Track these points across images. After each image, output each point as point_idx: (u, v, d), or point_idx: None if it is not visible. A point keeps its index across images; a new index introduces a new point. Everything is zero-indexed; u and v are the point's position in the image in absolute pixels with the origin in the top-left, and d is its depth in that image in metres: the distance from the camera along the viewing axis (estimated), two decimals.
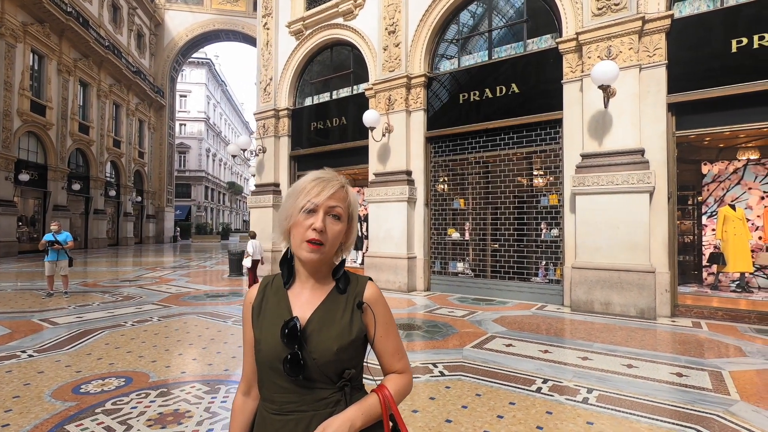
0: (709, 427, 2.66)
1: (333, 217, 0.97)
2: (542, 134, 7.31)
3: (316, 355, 0.94)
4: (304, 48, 10.67)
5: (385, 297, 4.19)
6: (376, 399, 0.97)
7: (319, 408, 0.95)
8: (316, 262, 0.99)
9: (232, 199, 56.31)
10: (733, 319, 5.78)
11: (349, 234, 1.03)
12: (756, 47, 5.70)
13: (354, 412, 0.93)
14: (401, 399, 1.02)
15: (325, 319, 0.98)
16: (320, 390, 0.96)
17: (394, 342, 1.04)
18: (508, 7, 8.06)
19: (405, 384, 1.04)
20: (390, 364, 1.04)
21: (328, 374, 0.95)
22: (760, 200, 7.76)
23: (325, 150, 10.38)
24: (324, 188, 0.97)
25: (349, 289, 1.03)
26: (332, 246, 0.99)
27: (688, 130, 6.23)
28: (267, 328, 0.99)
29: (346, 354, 0.96)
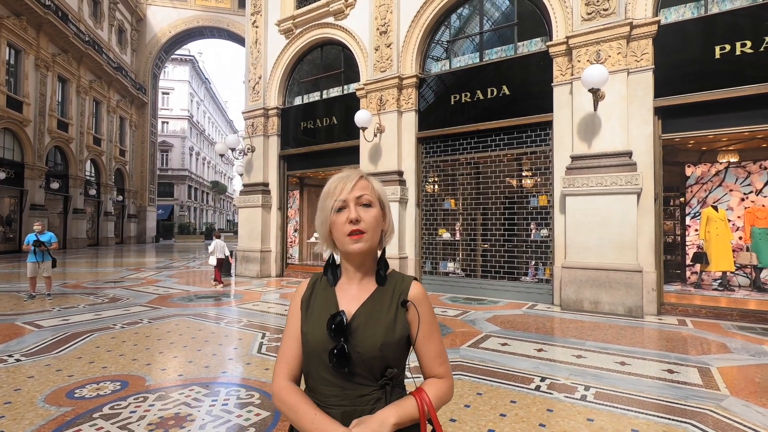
0: (704, 422, 2.75)
1: (363, 205, 1.00)
2: (532, 136, 7.42)
3: (361, 350, 0.95)
4: (294, 47, 10.60)
5: None
6: (413, 402, 0.96)
7: (359, 404, 0.96)
8: (363, 253, 1.00)
9: (216, 199, 55.49)
10: (716, 316, 5.97)
11: (386, 219, 1.05)
12: (738, 54, 5.90)
13: (389, 411, 0.93)
14: (441, 405, 1.01)
15: (371, 314, 1.00)
16: (362, 386, 0.97)
17: (436, 345, 1.04)
18: (499, 9, 8.15)
19: (446, 390, 1.03)
20: (431, 368, 1.04)
21: (371, 370, 0.97)
22: (741, 202, 8.04)
23: (315, 150, 10.33)
24: (346, 184, 1.01)
25: (395, 287, 1.04)
26: (374, 232, 1.00)
27: (674, 134, 6.41)
28: (314, 322, 1.02)
29: (389, 351, 0.97)
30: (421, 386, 1.02)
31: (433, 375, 1.04)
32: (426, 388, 1.01)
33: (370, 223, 0.99)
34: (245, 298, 7.56)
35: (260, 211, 10.64)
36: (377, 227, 1.01)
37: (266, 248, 10.72)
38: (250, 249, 10.72)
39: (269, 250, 10.79)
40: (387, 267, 1.06)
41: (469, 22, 8.50)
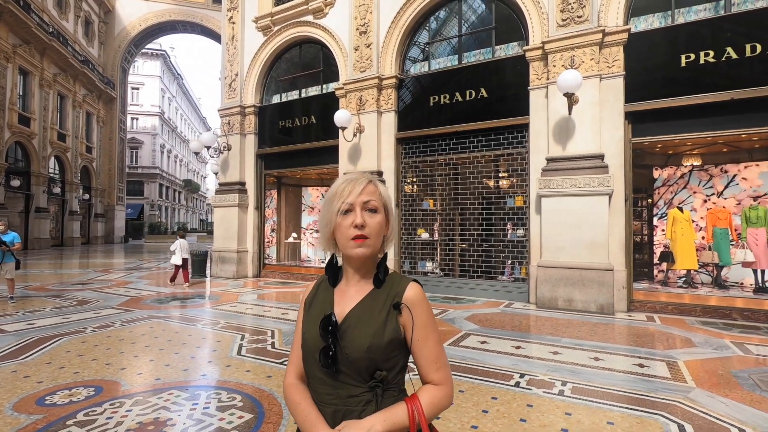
0: (673, 413, 2.89)
1: (369, 211, 1.00)
2: (509, 138, 7.58)
3: (348, 351, 0.96)
4: (271, 44, 10.46)
5: None
6: (404, 409, 0.95)
7: (350, 404, 0.97)
8: (365, 257, 1.01)
9: (188, 198, 54.06)
10: (681, 312, 6.26)
11: (389, 226, 1.06)
12: (702, 63, 6.21)
13: (377, 419, 0.92)
14: (435, 413, 0.98)
15: (361, 316, 1.00)
16: (351, 386, 0.97)
17: (433, 349, 1.01)
18: (477, 13, 8.29)
19: (441, 397, 0.99)
20: (427, 373, 1.01)
21: (358, 371, 0.97)
22: (703, 203, 8.47)
23: (294, 149, 10.22)
24: (354, 187, 1.01)
25: (390, 289, 1.04)
26: (377, 238, 1.01)
27: (643, 138, 6.69)
28: (311, 322, 1.04)
29: (377, 354, 0.96)
30: (416, 392, 1.01)
31: (429, 380, 1.01)
32: (420, 395, 0.99)
33: (375, 229, 1.00)
34: (222, 299, 7.41)
35: (237, 211, 10.45)
36: (380, 233, 1.02)
37: (243, 248, 10.54)
38: (226, 249, 10.51)
39: (246, 251, 10.61)
40: (387, 271, 1.06)
41: (447, 24, 8.61)
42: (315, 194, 12.87)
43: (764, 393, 3.28)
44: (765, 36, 5.84)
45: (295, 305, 7.04)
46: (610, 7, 6.64)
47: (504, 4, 7.78)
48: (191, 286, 8.99)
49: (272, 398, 3.09)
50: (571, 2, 6.77)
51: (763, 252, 7.07)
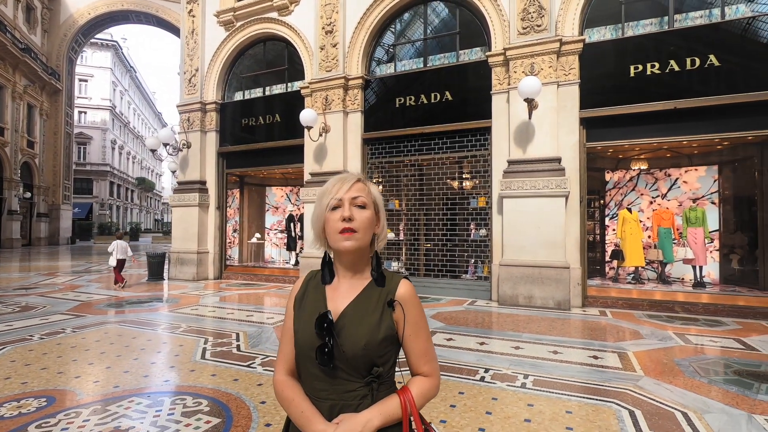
0: (625, 400, 3.10)
1: (358, 207, 1.04)
2: (473, 140, 7.80)
3: (345, 348, 0.98)
4: (234, 40, 10.19)
5: None
6: (397, 401, 1.00)
7: (346, 399, 1.00)
8: (353, 252, 1.04)
9: (142, 197, 51.54)
10: (630, 306, 6.69)
11: (380, 223, 1.09)
12: (648, 74, 6.66)
13: (373, 413, 0.97)
14: (424, 403, 1.05)
15: (356, 314, 1.03)
16: (348, 382, 1.00)
17: (423, 343, 1.06)
18: (442, 18, 8.47)
19: (430, 388, 1.06)
20: (417, 366, 1.06)
21: (356, 368, 1.00)
22: (650, 204, 9.09)
23: (258, 147, 10.02)
24: (343, 184, 1.05)
25: (383, 286, 1.07)
26: (365, 233, 1.03)
27: (596, 142, 7.09)
28: (304, 319, 1.05)
29: (373, 351, 1.00)
30: (406, 384, 1.06)
31: (419, 373, 1.07)
32: (411, 386, 1.04)
33: (362, 223, 1.02)
34: (182, 302, 7.16)
35: (197, 211, 10.10)
36: (369, 228, 1.04)
37: (203, 249, 10.21)
38: (185, 250, 10.14)
39: (206, 252, 10.29)
40: (381, 269, 1.09)
41: (413, 27, 8.73)
42: (279, 194, 12.66)
43: (702, 379, 3.58)
44: (703, 51, 6.35)
45: (260, 307, 6.91)
46: (567, 17, 6.99)
47: (468, 11, 8.00)
48: (149, 289, 8.61)
49: (240, 401, 3.04)
50: (531, 11, 7.06)
51: (701, 250, 7.68)
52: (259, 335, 4.93)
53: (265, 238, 12.31)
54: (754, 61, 6.20)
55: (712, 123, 6.42)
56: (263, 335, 4.94)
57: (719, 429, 2.67)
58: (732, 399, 3.15)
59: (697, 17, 6.62)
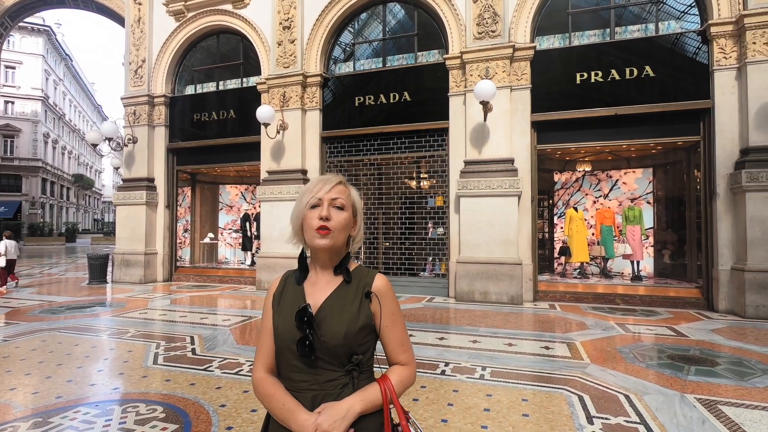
0: (575, 386, 3.31)
1: (336, 208, 1.07)
2: (431, 141, 7.96)
3: (326, 339, 1.01)
4: (186, 31, 9.75)
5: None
6: (377, 389, 1.03)
7: (328, 389, 1.02)
8: (327, 249, 1.07)
9: (79, 195, 47.94)
10: (576, 300, 7.11)
11: (356, 226, 1.13)
12: (593, 81, 7.11)
13: (355, 399, 1.00)
14: (403, 390, 1.09)
15: (335, 306, 1.06)
16: (329, 372, 1.03)
17: (399, 334, 1.11)
18: (401, 19, 8.58)
19: (407, 375, 1.10)
20: (394, 355, 1.11)
21: (337, 357, 1.03)
22: (593, 204, 9.70)
23: (210, 144, 9.65)
24: (325, 185, 1.09)
25: (359, 279, 1.11)
26: (340, 233, 1.07)
27: (546, 145, 7.48)
28: (284, 315, 1.07)
29: (353, 340, 1.04)
30: (385, 373, 1.10)
31: (396, 362, 1.11)
32: (390, 375, 1.08)
33: (339, 224, 1.06)
34: (129, 306, 6.76)
35: (144, 209, 9.57)
36: (344, 229, 1.08)
37: (151, 250, 9.69)
38: (131, 251, 9.58)
39: (155, 253, 9.77)
40: (347, 266, 1.11)
41: (372, 27, 8.77)
42: (234, 192, 12.26)
43: (641, 364, 3.89)
44: (640, 62, 6.86)
45: (215, 309, 6.68)
46: (519, 25, 7.31)
47: (426, 13, 8.15)
48: (91, 293, 8.05)
49: (198, 406, 2.94)
50: (486, 17, 7.31)
51: (638, 246, 8.31)
52: (216, 338, 4.77)
53: (218, 238, 11.88)
54: (682, 73, 6.79)
55: (647, 129, 6.96)
56: (220, 337, 4.78)
57: (656, 408, 2.92)
58: (666, 381, 3.45)
59: (635, 31, 7.15)
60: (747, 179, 5.95)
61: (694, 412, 2.86)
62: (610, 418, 2.77)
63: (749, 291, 5.92)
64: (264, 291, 8.23)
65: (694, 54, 6.77)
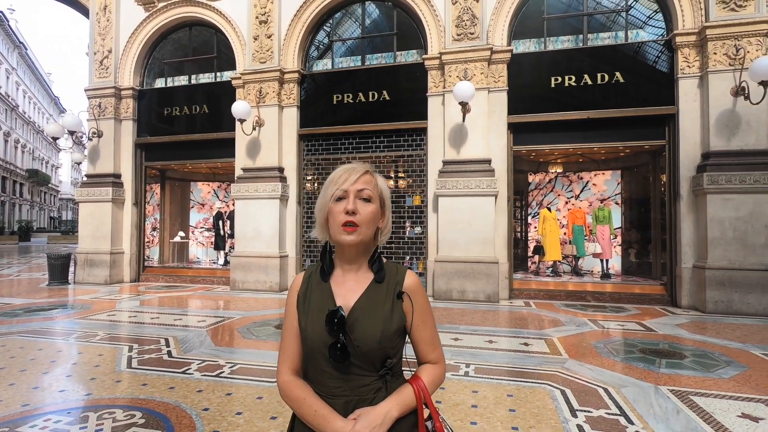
0: (556, 381, 3.40)
1: (363, 200, 1.01)
2: (410, 140, 8.00)
3: (360, 343, 0.97)
4: (156, 22, 9.37)
5: (255, 298, 4.27)
6: (411, 390, 1.01)
7: (361, 394, 0.99)
8: (354, 246, 1.02)
9: (34, 191, 45.30)
10: (550, 297, 7.32)
11: (384, 217, 1.07)
12: (566, 85, 7.33)
13: (391, 404, 0.97)
14: (435, 389, 1.06)
15: (367, 308, 1.01)
16: (363, 377, 0.99)
17: (430, 332, 1.08)
18: (381, 18, 8.57)
19: (439, 374, 1.08)
20: (425, 354, 1.09)
21: (371, 362, 0.99)
22: (565, 204, 10.02)
23: (182, 140, 9.32)
24: (350, 175, 1.03)
25: (389, 278, 1.06)
26: (368, 227, 1.01)
27: (521, 146, 7.65)
28: (312, 317, 1.02)
29: (388, 342, 1.00)
30: (416, 373, 1.07)
31: (427, 360, 1.09)
32: (421, 374, 1.06)
33: (366, 217, 1.00)
34: (95, 308, 6.44)
35: (110, 207, 9.15)
36: (372, 223, 1.02)
37: (118, 249, 9.28)
38: (95, 251, 9.13)
39: (121, 252, 9.36)
40: (382, 264, 1.07)
41: (351, 25, 8.71)
42: (206, 190, 11.91)
43: (616, 358, 4.04)
44: (610, 68, 7.13)
45: (188, 310, 6.46)
46: (497, 28, 7.44)
47: (405, 13, 8.17)
48: (51, 294, 7.62)
49: (180, 410, 2.83)
50: (465, 19, 7.40)
51: (608, 245, 8.65)
52: (192, 340, 4.61)
53: (189, 237, 11.51)
54: (649, 79, 7.11)
55: (617, 132, 7.25)
56: (196, 339, 4.62)
57: (634, 400, 3.04)
58: (641, 374, 3.59)
59: (606, 38, 7.42)
60: (708, 182, 6.29)
61: (668, 402, 3.00)
62: (593, 410, 2.86)
63: (709, 287, 6.26)
64: (239, 291, 8.04)
65: (661, 62, 7.09)
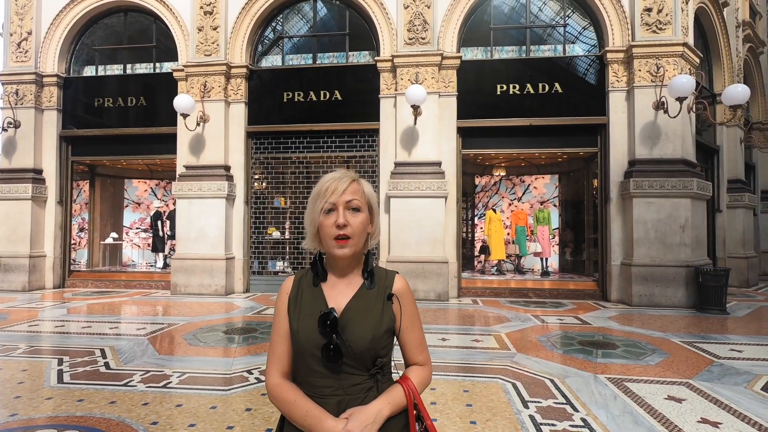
0: (507, 375, 3.57)
1: (352, 210, 1.03)
2: (362, 141, 8.01)
3: (352, 344, 0.99)
4: (86, 4, 8.59)
5: (199, 302, 4.20)
6: (401, 390, 1.04)
7: (352, 393, 1.01)
8: (348, 257, 1.04)
9: None
10: (495, 295, 7.66)
11: (373, 223, 1.09)
12: (511, 93, 7.70)
13: (382, 403, 0.99)
14: (423, 389, 1.10)
15: (359, 310, 1.04)
16: (354, 376, 1.01)
17: (417, 334, 1.12)
18: (333, 17, 8.49)
19: (426, 375, 1.12)
20: (413, 356, 1.12)
21: (362, 361, 1.01)
22: (509, 206, 10.55)
23: (115, 133, 8.63)
24: (337, 186, 1.03)
25: (379, 282, 1.09)
26: (360, 237, 1.03)
27: (469, 150, 7.94)
28: (304, 319, 1.03)
29: (378, 343, 1.03)
30: (405, 374, 1.10)
31: (415, 362, 1.13)
32: (410, 375, 1.09)
33: (357, 228, 1.02)
34: (12, 317, 5.78)
35: (29, 205, 8.26)
36: (363, 232, 1.04)
37: (38, 252, 8.40)
38: (11, 254, 8.20)
39: (43, 255, 8.49)
40: (372, 270, 1.10)
41: (302, 22, 8.56)
42: (143, 188, 11.12)
43: (558, 351, 4.32)
44: (550, 79, 7.60)
45: (125, 317, 6.01)
46: (447, 34, 7.67)
47: (358, 14, 8.16)
48: None
49: (124, 426, 2.62)
50: (417, 24, 7.55)
51: (547, 244, 9.22)
52: (132, 349, 4.29)
53: (123, 239, 10.68)
54: (584, 91, 7.68)
55: (556, 139, 7.76)
56: (137, 348, 4.31)
57: (577, 389, 3.27)
58: (581, 364, 3.88)
59: (546, 50, 7.91)
60: (634, 187, 6.91)
61: (607, 390, 3.26)
62: (542, 401, 3.04)
63: (635, 283, 6.88)
64: (180, 295, 7.60)
65: (594, 75, 7.69)
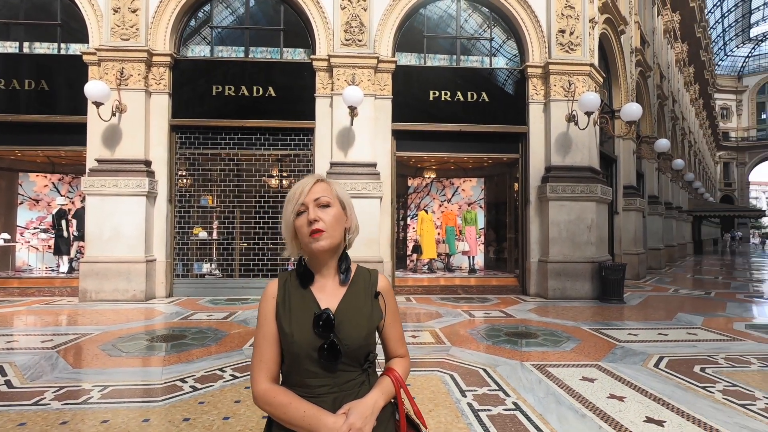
0: (444, 367, 3.77)
1: (322, 207, 1.06)
2: (296, 140, 7.87)
3: (348, 342, 1.03)
4: None
5: (115, 309, 4.18)
6: (389, 380, 1.10)
7: (347, 389, 1.04)
8: (326, 250, 1.06)
9: None
10: (427, 292, 7.98)
11: (349, 218, 1.13)
12: (443, 100, 8.07)
13: (377, 395, 1.04)
14: (406, 378, 1.17)
15: (350, 309, 1.07)
16: (348, 373, 1.05)
17: (398, 329, 1.19)
18: (267, 10, 8.25)
19: (408, 366, 1.20)
20: (395, 349, 1.18)
21: (356, 358, 1.06)
22: (440, 207, 11.01)
23: (9, 120, 7.56)
24: (304, 188, 1.07)
25: (365, 281, 1.14)
26: (335, 229, 1.06)
27: (403, 152, 8.19)
28: (297, 321, 1.04)
29: (371, 339, 1.09)
30: (390, 366, 1.16)
31: (397, 355, 1.19)
32: (395, 367, 1.15)
33: (329, 222, 1.05)
34: None
35: None
36: (338, 225, 1.07)
37: None
38: None
39: None
40: (348, 265, 1.13)
41: (234, 13, 8.20)
42: (42, 183, 9.84)
43: (488, 342, 4.65)
44: (478, 88, 8.09)
45: (24, 329, 5.31)
46: (383, 38, 7.82)
47: (293, 10, 8.01)
48: None
49: None
50: (353, 26, 7.60)
51: (474, 243, 9.79)
52: (39, 364, 3.82)
53: (16, 240, 9.37)
54: (507, 102, 8.28)
55: (483, 145, 8.29)
56: (45, 363, 3.84)
57: (507, 376, 3.55)
58: (508, 353, 4.21)
59: (474, 61, 8.42)
60: (549, 191, 7.61)
61: (532, 375, 3.59)
62: (477, 389, 3.27)
63: (550, 278, 7.58)
64: (91, 302, 6.87)
65: (517, 87, 8.32)
